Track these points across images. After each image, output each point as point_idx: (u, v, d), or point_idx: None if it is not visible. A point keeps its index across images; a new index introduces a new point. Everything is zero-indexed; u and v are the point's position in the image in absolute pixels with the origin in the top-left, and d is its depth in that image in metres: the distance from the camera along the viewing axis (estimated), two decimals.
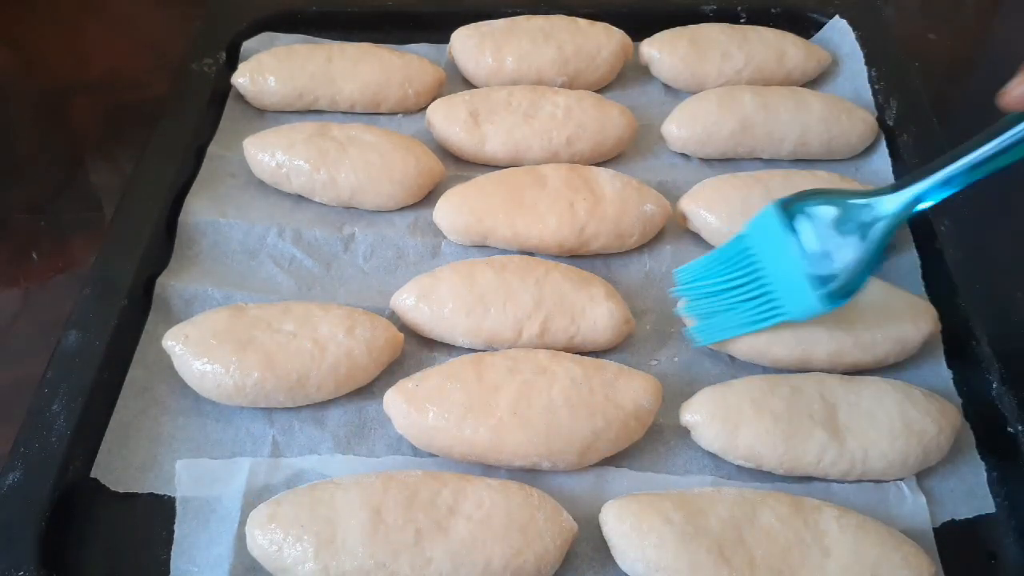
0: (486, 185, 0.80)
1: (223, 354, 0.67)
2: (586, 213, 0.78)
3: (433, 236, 0.82)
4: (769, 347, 0.70)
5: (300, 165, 0.82)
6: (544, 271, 0.73)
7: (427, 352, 0.74)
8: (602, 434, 0.64)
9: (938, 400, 0.66)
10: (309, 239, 0.81)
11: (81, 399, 0.66)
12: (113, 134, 1.00)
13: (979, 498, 0.65)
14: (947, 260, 0.76)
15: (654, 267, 0.80)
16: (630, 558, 0.59)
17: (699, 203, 0.80)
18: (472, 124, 0.87)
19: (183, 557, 0.61)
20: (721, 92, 0.89)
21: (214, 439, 0.68)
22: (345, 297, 0.77)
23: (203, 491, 0.64)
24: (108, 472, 0.65)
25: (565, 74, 0.94)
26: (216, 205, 0.83)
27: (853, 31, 0.97)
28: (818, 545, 0.58)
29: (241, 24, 1.00)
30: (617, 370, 0.67)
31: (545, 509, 0.59)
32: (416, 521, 0.58)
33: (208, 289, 0.76)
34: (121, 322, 0.71)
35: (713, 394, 0.66)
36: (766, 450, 0.64)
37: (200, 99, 0.91)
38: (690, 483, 0.65)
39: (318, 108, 0.94)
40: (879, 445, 0.63)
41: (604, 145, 0.87)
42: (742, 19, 1.02)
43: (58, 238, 0.89)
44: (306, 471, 0.65)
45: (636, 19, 0.99)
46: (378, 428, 0.68)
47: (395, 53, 0.94)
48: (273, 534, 0.58)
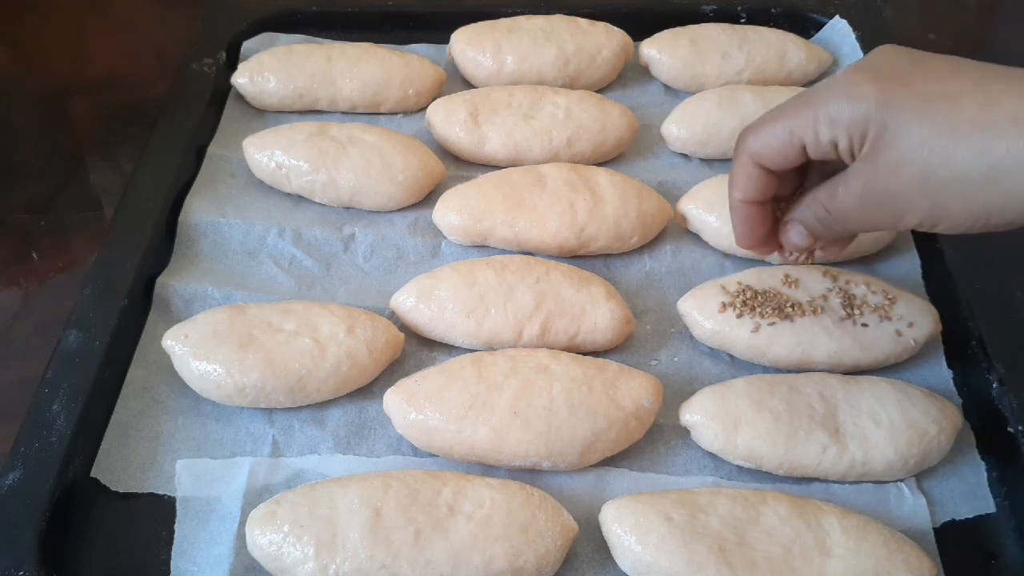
0: (486, 185, 0.80)
1: (223, 354, 0.67)
2: (586, 213, 0.78)
3: (433, 236, 0.82)
4: (769, 347, 0.70)
5: (300, 165, 0.82)
6: (544, 271, 0.73)
7: (427, 352, 0.74)
8: (602, 434, 0.64)
9: (938, 400, 0.66)
10: (309, 239, 0.81)
11: (81, 399, 0.66)
12: (113, 134, 1.00)
13: (979, 498, 0.65)
14: (947, 260, 0.76)
15: (654, 267, 0.80)
16: (630, 558, 0.59)
17: (699, 203, 0.80)
18: (472, 124, 0.87)
19: (183, 557, 0.61)
20: (721, 92, 0.89)
21: (214, 439, 0.67)
22: (345, 297, 0.77)
23: (203, 491, 0.64)
24: (108, 472, 0.65)
25: (566, 74, 0.94)
26: (216, 205, 0.83)
27: (853, 31, 0.97)
28: (819, 546, 0.57)
29: (241, 24, 1.00)
30: (617, 370, 0.67)
31: (546, 509, 0.59)
32: (416, 521, 0.58)
33: (208, 289, 0.76)
34: (121, 322, 0.71)
35: (713, 394, 0.66)
36: (766, 450, 0.64)
37: (200, 99, 0.91)
38: (690, 483, 0.65)
39: (318, 108, 0.94)
40: (879, 445, 0.63)
41: (604, 145, 0.87)
42: (742, 19, 1.02)
43: (58, 238, 0.89)
44: (306, 471, 0.65)
45: (636, 19, 1.00)
46: (378, 428, 0.68)
47: (395, 53, 0.94)
48: (273, 534, 0.58)
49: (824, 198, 0.55)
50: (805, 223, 0.59)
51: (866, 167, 0.51)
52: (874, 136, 0.50)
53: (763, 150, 0.56)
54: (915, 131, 0.48)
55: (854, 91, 0.50)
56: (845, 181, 0.53)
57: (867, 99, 0.49)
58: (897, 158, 0.49)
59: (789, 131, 0.54)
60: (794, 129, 0.53)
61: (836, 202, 0.55)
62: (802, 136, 0.53)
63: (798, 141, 0.54)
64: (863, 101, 0.50)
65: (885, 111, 0.49)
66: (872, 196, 0.52)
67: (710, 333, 0.72)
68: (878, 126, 0.49)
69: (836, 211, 0.55)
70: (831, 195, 0.55)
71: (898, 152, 0.49)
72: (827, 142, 0.52)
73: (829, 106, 0.51)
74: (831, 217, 0.56)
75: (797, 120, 0.53)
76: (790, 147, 0.54)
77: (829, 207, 0.55)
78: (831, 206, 0.55)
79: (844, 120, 0.51)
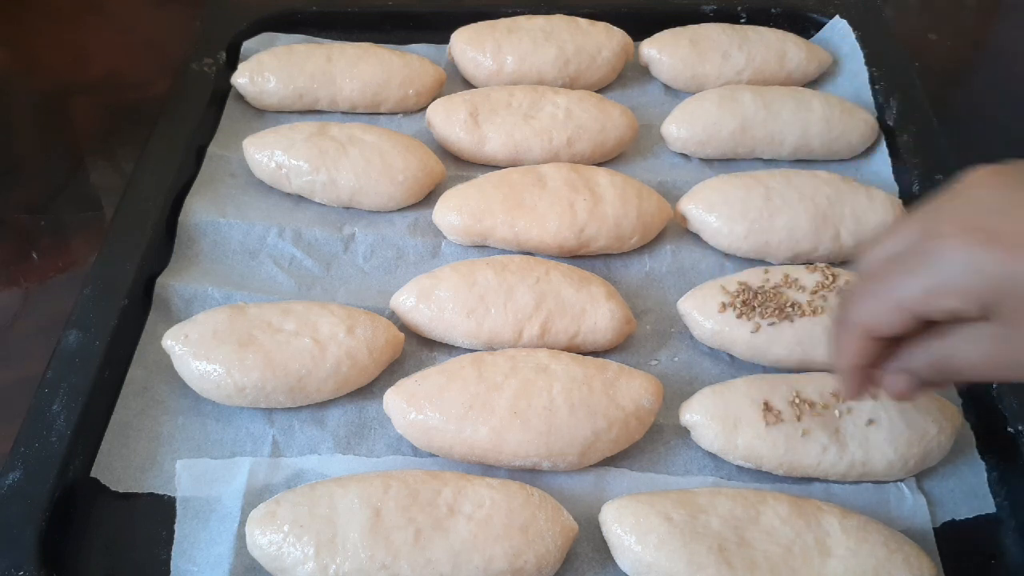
0: (486, 185, 0.80)
1: (223, 354, 0.67)
2: (586, 214, 0.78)
3: (433, 236, 0.82)
4: (769, 347, 0.70)
5: (300, 165, 0.82)
6: (544, 271, 0.73)
7: (427, 352, 0.74)
8: (602, 434, 0.64)
9: (938, 400, 0.66)
10: (309, 239, 0.81)
11: (81, 399, 0.66)
12: (113, 134, 1.00)
13: (979, 498, 0.65)
14: None
15: (654, 267, 0.80)
16: (630, 558, 0.59)
17: (699, 203, 0.80)
18: (472, 124, 0.87)
19: (183, 557, 0.61)
20: (721, 92, 0.89)
21: (214, 439, 0.68)
22: (345, 297, 0.77)
23: (203, 491, 0.64)
24: (108, 472, 0.65)
25: (566, 74, 0.94)
26: (216, 205, 0.83)
27: (853, 31, 0.97)
28: (819, 546, 0.57)
29: (241, 24, 1.00)
30: (618, 370, 0.67)
31: (546, 509, 0.59)
32: (416, 521, 0.58)
33: (208, 289, 0.76)
34: (121, 322, 0.71)
35: (713, 394, 0.66)
36: (766, 450, 0.64)
37: (200, 99, 0.91)
38: (690, 483, 0.65)
39: (318, 108, 0.94)
40: (879, 446, 0.63)
41: (605, 145, 0.87)
42: (742, 19, 1.02)
43: (58, 238, 0.89)
44: (306, 471, 0.65)
45: (636, 19, 0.99)
46: (378, 428, 0.68)
47: (395, 53, 0.94)
48: (273, 534, 0.58)
49: (942, 350, 0.49)
50: (917, 373, 0.51)
51: (1001, 332, 0.45)
52: (1010, 308, 0.44)
53: (872, 323, 0.50)
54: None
55: (973, 260, 0.44)
56: (974, 340, 0.47)
57: (990, 270, 0.43)
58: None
59: (900, 305, 0.48)
60: (906, 302, 0.47)
61: (961, 359, 0.48)
62: (917, 308, 0.47)
63: (912, 313, 0.48)
64: (985, 272, 0.44)
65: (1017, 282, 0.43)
66: (1010, 358, 0.46)
67: (710, 333, 0.72)
68: (1013, 298, 0.43)
69: (961, 367, 0.49)
70: (954, 349, 0.48)
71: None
72: (949, 311, 0.46)
73: (945, 276, 0.45)
74: (949, 371, 0.50)
75: (908, 291, 0.47)
76: (902, 319, 0.48)
77: (952, 363, 0.49)
78: (956, 363, 0.49)
79: (967, 292, 0.45)
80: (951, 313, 0.46)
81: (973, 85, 1.07)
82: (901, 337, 0.50)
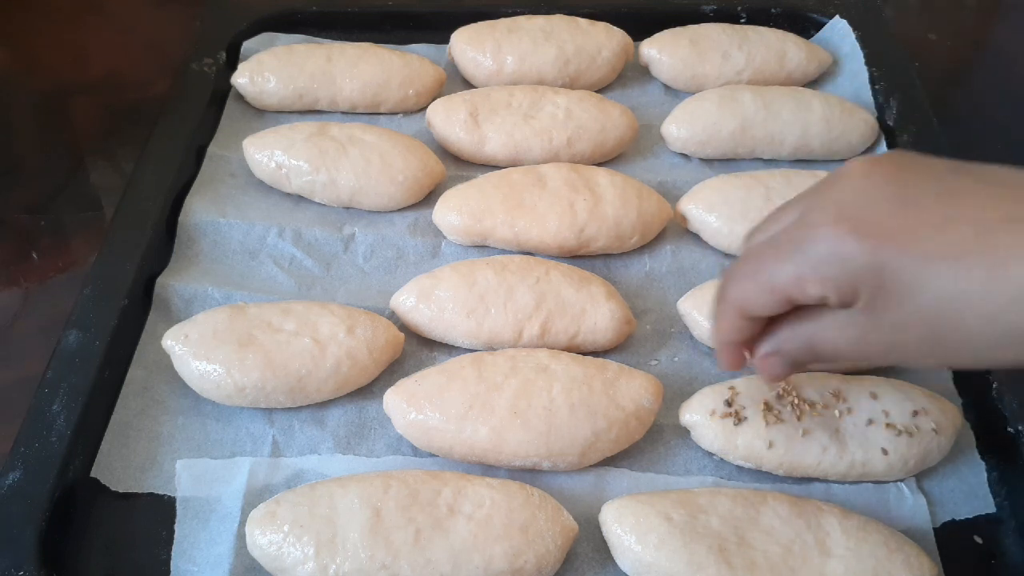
0: (486, 185, 0.80)
1: (223, 354, 0.67)
2: (586, 214, 0.78)
3: (433, 236, 0.82)
4: None
5: (300, 165, 0.82)
6: (544, 271, 0.73)
7: (427, 352, 0.74)
8: (603, 434, 0.64)
9: (938, 400, 0.66)
10: (309, 239, 0.81)
11: (81, 399, 0.66)
12: (113, 134, 1.00)
13: (979, 498, 0.65)
14: None
15: (654, 267, 0.80)
16: (630, 558, 0.59)
17: (699, 204, 0.80)
18: (472, 124, 0.87)
19: (183, 557, 0.61)
20: (721, 92, 0.89)
21: (214, 439, 0.68)
22: (345, 297, 0.77)
23: (203, 491, 0.64)
24: (108, 472, 0.65)
25: (566, 74, 0.94)
26: (216, 205, 0.83)
27: (853, 31, 0.97)
28: (819, 546, 0.58)
29: (241, 24, 1.00)
30: (618, 370, 0.67)
31: (546, 509, 0.59)
32: (416, 521, 0.58)
33: (208, 289, 0.76)
34: (121, 322, 0.71)
35: (713, 394, 0.66)
36: (766, 450, 0.64)
37: (200, 99, 0.91)
38: (690, 483, 0.65)
39: (318, 108, 0.94)
40: (879, 446, 0.63)
41: (605, 145, 0.87)
42: (742, 19, 1.02)
43: (58, 238, 0.89)
44: (306, 471, 0.65)
45: (636, 19, 0.99)
46: (378, 428, 0.68)
47: (395, 53, 0.94)
48: (273, 534, 0.58)
49: (810, 333, 0.51)
50: (788, 354, 0.53)
51: (863, 320, 0.47)
52: (870, 296, 0.46)
53: (746, 303, 0.52)
54: (919, 298, 0.44)
55: (839, 250, 0.46)
56: (839, 326, 0.49)
57: (854, 260, 0.45)
58: (901, 320, 0.46)
59: (771, 288, 0.49)
60: (776, 286, 0.49)
61: (826, 343, 0.50)
62: (787, 292, 0.49)
63: (782, 296, 0.49)
64: (849, 262, 0.45)
65: (879, 273, 0.45)
66: (871, 344, 0.48)
67: (710, 333, 0.72)
68: (873, 288, 0.45)
69: (826, 350, 0.51)
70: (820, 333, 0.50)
71: (902, 314, 0.45)
72: (815, 297, 0.48)
73: (813, 264, 0.47)
74: (816, 353, 0.52)
75: (779, 275, 0.49)
76: (773, 301, 0.50)
77: (818, 346, 0.51)
78: (821, 346, 0.51)
79: (831, 280, 0.46)
80: (817, 299, 0.48)
81: (973, 85, 1.07)
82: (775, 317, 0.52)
